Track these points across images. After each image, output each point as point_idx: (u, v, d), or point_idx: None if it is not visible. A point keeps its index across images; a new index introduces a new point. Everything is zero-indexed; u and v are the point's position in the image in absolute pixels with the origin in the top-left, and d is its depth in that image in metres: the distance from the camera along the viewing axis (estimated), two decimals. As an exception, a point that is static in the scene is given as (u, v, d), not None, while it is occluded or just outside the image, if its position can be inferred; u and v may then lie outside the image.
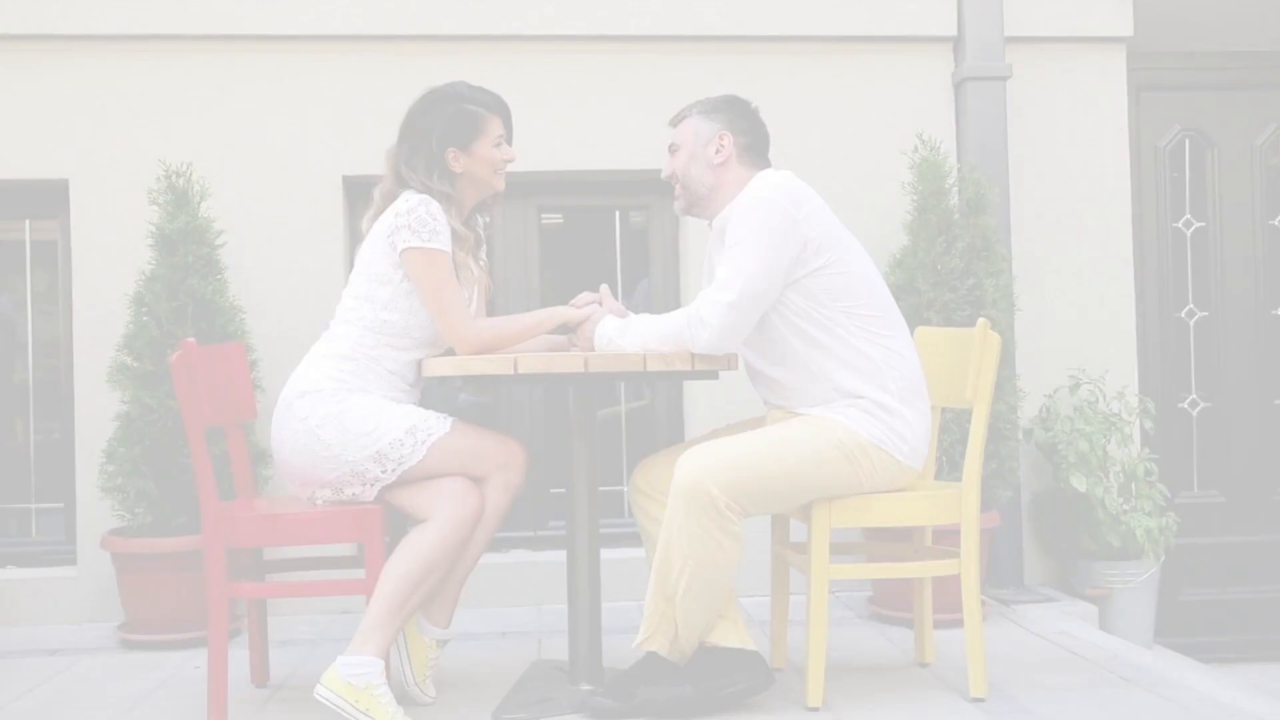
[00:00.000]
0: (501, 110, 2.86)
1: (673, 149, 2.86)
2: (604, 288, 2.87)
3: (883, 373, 2.68)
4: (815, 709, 2.68)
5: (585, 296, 2.87)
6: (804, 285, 2.67)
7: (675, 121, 2.90)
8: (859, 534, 3.55)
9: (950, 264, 3.70)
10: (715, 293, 2.62)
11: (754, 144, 2.84)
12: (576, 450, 2.84)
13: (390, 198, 2.81)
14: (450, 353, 2.81)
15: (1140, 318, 4.40)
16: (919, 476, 2.81)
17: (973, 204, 3.79)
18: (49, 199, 4.03)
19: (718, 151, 2.80)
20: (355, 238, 2.92)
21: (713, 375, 2.87)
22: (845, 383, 2.67)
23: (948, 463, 3.59)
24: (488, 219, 2.99)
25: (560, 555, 3.82)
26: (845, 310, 2.68)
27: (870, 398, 2.66)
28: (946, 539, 2.98)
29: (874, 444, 2.65)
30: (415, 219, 2.69)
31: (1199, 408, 4.61)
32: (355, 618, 3.40)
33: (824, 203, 2.75)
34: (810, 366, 2.69)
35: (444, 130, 2.78)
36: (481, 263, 2.90)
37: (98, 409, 3.83)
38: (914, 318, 3.65)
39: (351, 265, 2.86)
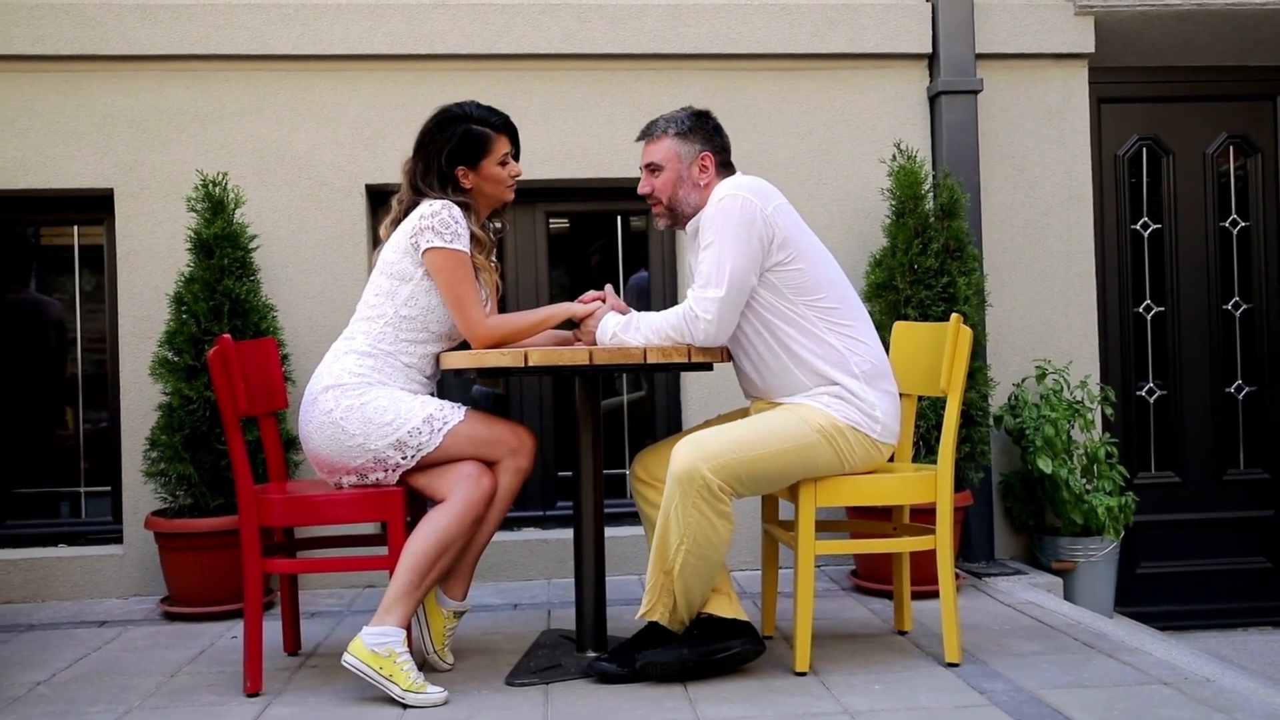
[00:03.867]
0: (508, 129, 2.85)
1: (654, 169, 2.78)
2: (608, 287, 2.87)
3: (847, 359, 2.68)
4: (802, 673, 2.68)
5: (590, 294, 2.86)
6: (769, 280, 2.67)
7: (647, 138, 2.81)
8: (842, 512, 3.55)
9: (926, 264, 3.70)
10: (704, 290, 2.62)
11: (727, 157, 2.82)
12: (582, 436, 2.84)
13: (407, 207, 2.81)
14: (465, 346, 2.81)
15: (1101, 312, 4.40)
16: (894, 452, 2.81)
17: (947, 208, 3.78)
18: (95, 207, 4.03)
19: (703, 172, 2.77)
20: (377, 242, 2.91)
21: (707, 367, 2.87)
22: (814, 371, 2.68)
23: (924, 447, 3.59)
24: (499, 224, 2.99)
25: (568, 533, 3.83)
26: (808, 303, 2.68)
27: (841, 384, 2.67)
28: (923, 517, 2.98)
29: (850, 426, 2.65)
30: (439, 221, 2.69)
31: (1156, 395, 4.61)
32: (379, 591, 3.42)
33: (787, 202, 2.73)
34: (781, 358, 2.69)
35: (454, 150, 2.77)
36: (494, 263, 2.90)
37: (141, 400, 3.83)
38: (892, 313, 3.65)
39: (373, 267, 2.86)
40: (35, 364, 4.09)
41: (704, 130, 2.79)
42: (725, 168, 2.80)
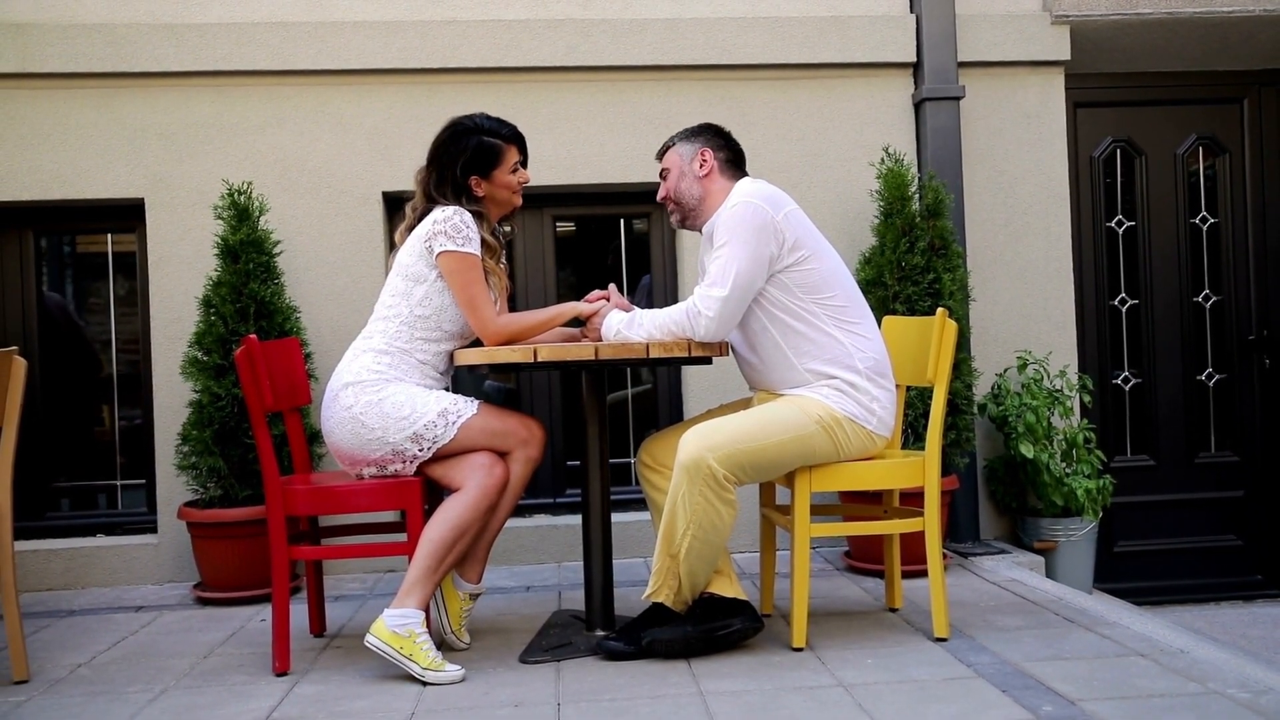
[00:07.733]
0: (517, 139, 2.84)
1: (663, 174, 2.86)
2: (611, 286, 2.86)
3: (851, 355, 2.67)
4: (799, 649, 2.68)
5: (595, 294, 2.86)
6: (780, 279, 2.66)
7: (660, 154, 2.89)
8: (836, 497, 3.54)
9: (913, 261, 3.69)
10: (709, 288, 2.62)
11: (732, 159, 2.83)
12: (589, 427, 2.84)
13: (420, 214, 2.81)
14: (478, 344, 2.80)
15: (1079, 305, 4.39)
16: (888, 444, 2.81)
17: (932, 208, 3.77)
18: (127, 216, 4.03)
19: (702, 165, 2.79)
20: (393, 246, 2.90)
21: (707, 361, 2.86)
22: (819, 365, 2.67)
23: (912, 434, 3.59)
24: (509, 228, 2.98)
25: (576, 519, 3.83)
26: (817, 301, 2.67)
27: (842, 378, 2.66)
28: (912, 500, 2.98)
29: (848, 418, 2.64)
30: (451, 226, 2.68)
31: (1131, 383, 4.60)
32: (399, 576, 3.42)
33: (798, 206, 2.73)
34: (787, 351, 2.69)
35: (467, 161, 2.77)
36: (503, 265, 2.89)
37: (173, 398, 3.83)
38: (881, 308, 3.64)
39: (389, 270, 2.85)
40: (72, 364, 4.09)
41: (707, 134, 2.83)
42: (730, 166, 2.81)
